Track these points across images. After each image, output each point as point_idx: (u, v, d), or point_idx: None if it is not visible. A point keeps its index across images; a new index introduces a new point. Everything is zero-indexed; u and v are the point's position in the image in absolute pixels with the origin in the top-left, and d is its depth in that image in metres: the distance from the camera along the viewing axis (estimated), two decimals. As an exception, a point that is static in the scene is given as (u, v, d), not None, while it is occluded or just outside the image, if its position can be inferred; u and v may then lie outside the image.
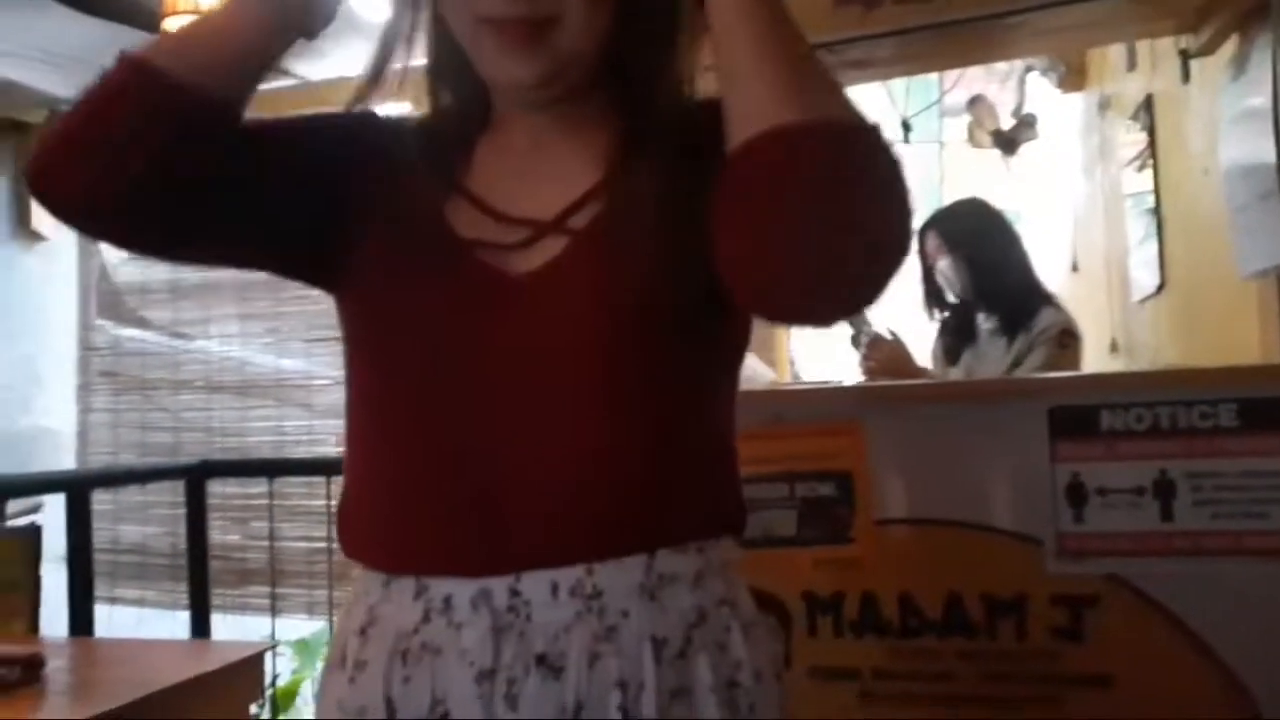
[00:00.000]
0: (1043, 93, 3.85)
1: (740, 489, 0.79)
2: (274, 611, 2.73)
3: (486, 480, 0.70)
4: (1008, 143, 3.99)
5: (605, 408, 0.71)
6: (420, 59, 0.81)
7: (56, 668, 1.72)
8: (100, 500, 2.65)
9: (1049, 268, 3.00)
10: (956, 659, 1.41)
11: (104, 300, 3.87)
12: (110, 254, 3.88)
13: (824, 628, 1.46)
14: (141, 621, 2.94)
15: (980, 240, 2.29)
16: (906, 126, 3.77)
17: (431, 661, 0.69)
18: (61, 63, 3.25)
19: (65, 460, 3.70)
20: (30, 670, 1.69)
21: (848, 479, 1.49)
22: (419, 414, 0.74)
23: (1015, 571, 1.41)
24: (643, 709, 0.67)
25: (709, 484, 0.77)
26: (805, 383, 3.04)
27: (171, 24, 2.54)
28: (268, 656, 1.94)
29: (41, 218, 3.78)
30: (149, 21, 2.82)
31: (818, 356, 3.94)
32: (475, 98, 0.80)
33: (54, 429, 3.73)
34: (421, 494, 0.72)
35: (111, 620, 2.76)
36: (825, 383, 2.47)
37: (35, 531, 2.16)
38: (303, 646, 2.98)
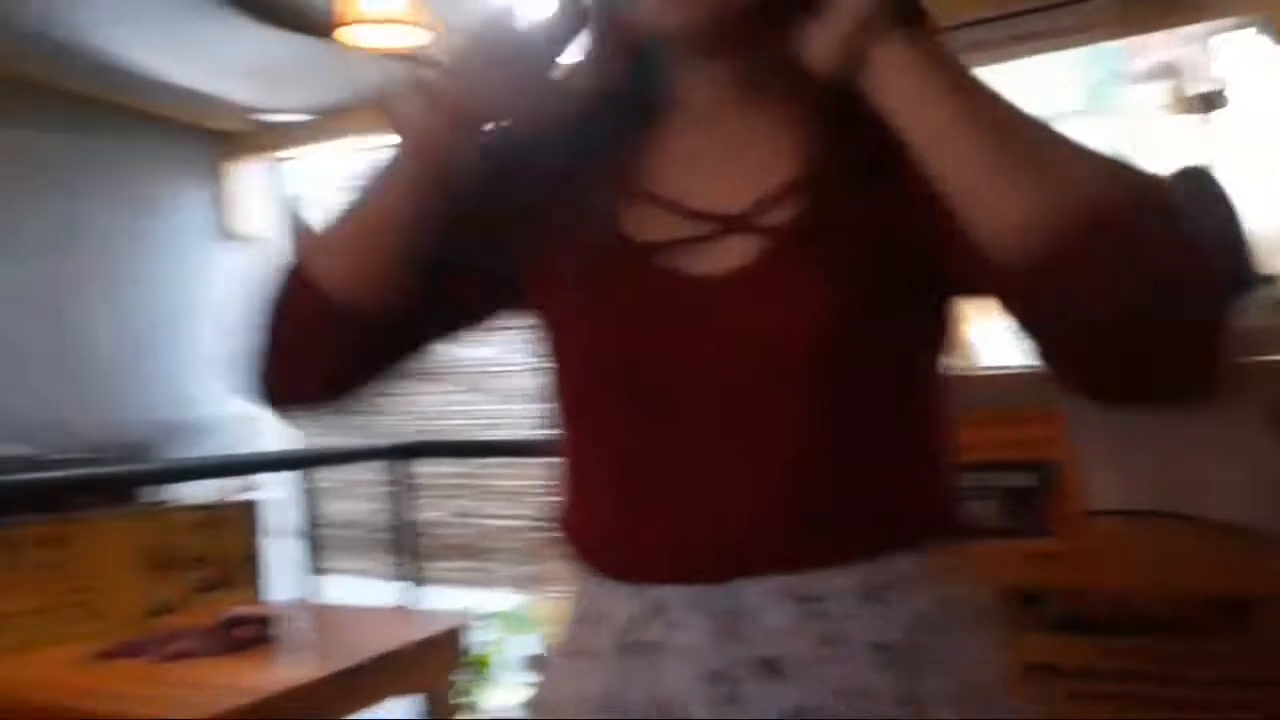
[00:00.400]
0: (1252, 52, 3.54)
1: (956, 487, 0.75)
2: (475, 585, 2.87)
3: (696, 488, 0.69)
4: (1205, 107, 3.70)
5: (815, 412, 0.68)
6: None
7: (284, 630, 1.90)
8: (318, 478, 2.86)
9: (1265, 241, 2.76)
10: (1172, 660, 1.34)
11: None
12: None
13: (1028, 623, 1.42)
14: (356, 590, 3.15)
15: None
16: (1093, 97, 3.55)
17: (654, 660, 0.68)
18: (254, 74, 3.50)
19: (278, 443, 4.00)
20: (262, 630, 1.87)
21: (1050, 468, 1.44)
22: (623, 426, 0.72)
23: (1239, 568, 1.32)
24: (871, 715, 0.65)
25: (923, 484, 0.73)
26: (1001, 367, 2.91)
27: (344, 35, 2.59)
28: (470, 627, 2.06)
29: (239, 218, 4.08)
30: (327, 30, 2.98)
31: (995, 341, 3.78)
32: (648, 78, 0.75)
33: (264, 413, 4.03)
34: (635, 505, 0.72)
35: (329, 588, 2.97)
36: (1020, 368, 2.36)
37: (255, 506, 2.38)
38: (505, 619, 3.12)
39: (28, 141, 3.37)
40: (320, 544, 2.87)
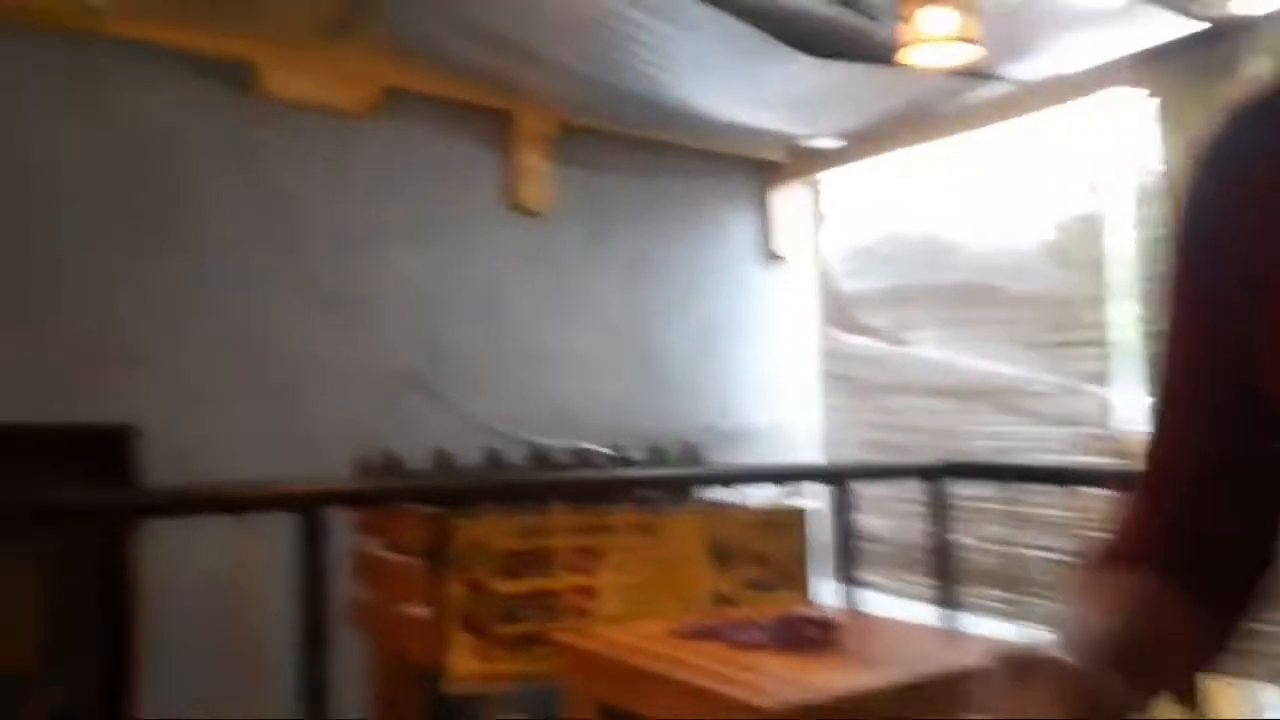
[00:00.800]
0: None
1: None
2: (1007, 617, 2.75)
3: None
4: None
5: None
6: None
7: (845, 635, 1.96)
8: (852, 491, 2.95)
9: None
10: None
11: (833, 310, 4.35)
12: (837, 267, 4.35)
13: None
14: (882, 606, 3.21)
15: None
16: None
17: None
18: (797, 104, 3.74)
19: (802, 454, 4.24)
20: (824, 632, 1.96)
21: None
22: None
23: None
24: None
25: None
26: None
27: (907, 56, 2.70)
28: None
29: (780, 241, 4.40)
30: (885, 56, 3.07)
31: None
32: None
33: (796, 426, 4.31)
34: None
35: (857, 600, 3.04)
36: None
37: (806, 513, 2.52)
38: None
39: (604, 185, 3.96)
40: (850, 556, 2.95)
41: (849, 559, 2.63)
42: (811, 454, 4.27)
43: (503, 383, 3.66)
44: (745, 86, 3.51)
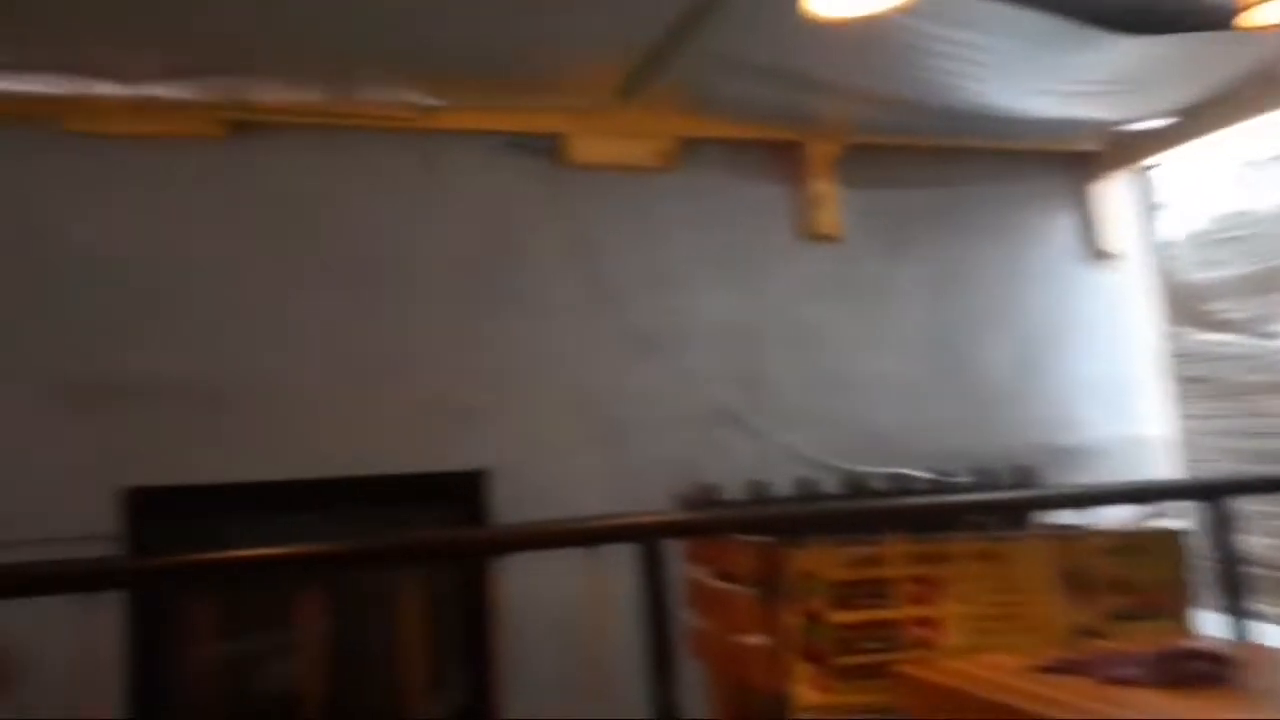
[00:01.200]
0: None
1: None
2: None
3: None
4: None
5: None
6: None
7: (1242, 672, 1.73)
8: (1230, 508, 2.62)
9: None
10: None
11: (1178, 307, 3.92)
12: (1180, 258, 3.92)
13: None
14: (1270, 635, 2.82)
15: None
16: None
17: None
18: (1117, 88, 3.43)
19: (1158, 469, 3.83)
20: (1215, 668, 1.74)
21: None
22: None
23: None
24: None
25: None
26: None
27: (1249, 18, 2.41)
28: None
29: (1108, 236, 4.03)
30: (1221, 22, 2.75)
31: None
32: None
33: (1148, 437, 3.91)
34: None
35: (1238, 629, 2.69)
36: None
37: (1180, 535, 2.26)
38: None
39: (896, 201, 3.86)
40: (1234, 581, 2.61)
41: (1233, 584, 2.32)
42: (1167, 468, 3.84)
43: (814, 410, 3.65)
44: (1054, 78, 3.28)
